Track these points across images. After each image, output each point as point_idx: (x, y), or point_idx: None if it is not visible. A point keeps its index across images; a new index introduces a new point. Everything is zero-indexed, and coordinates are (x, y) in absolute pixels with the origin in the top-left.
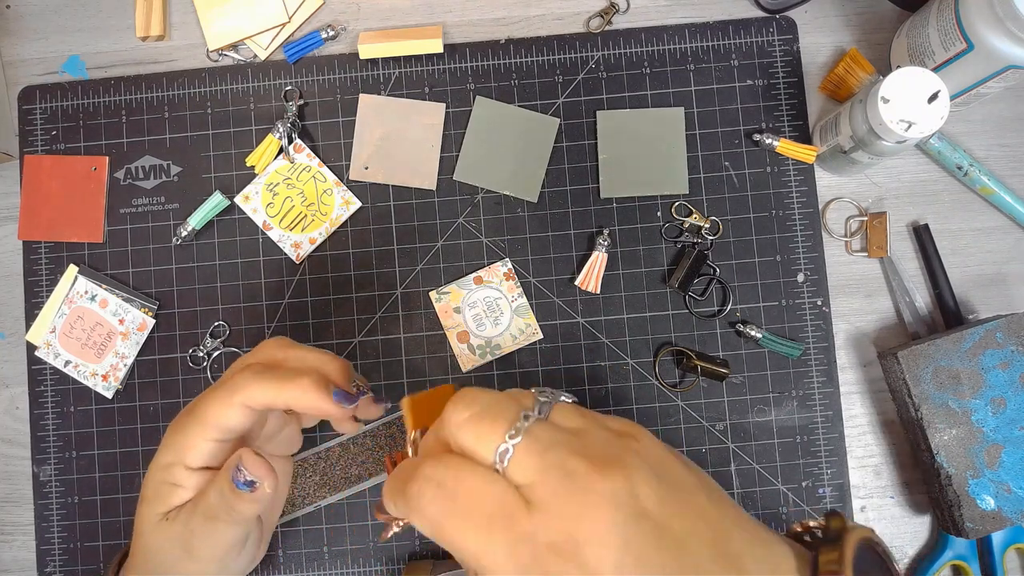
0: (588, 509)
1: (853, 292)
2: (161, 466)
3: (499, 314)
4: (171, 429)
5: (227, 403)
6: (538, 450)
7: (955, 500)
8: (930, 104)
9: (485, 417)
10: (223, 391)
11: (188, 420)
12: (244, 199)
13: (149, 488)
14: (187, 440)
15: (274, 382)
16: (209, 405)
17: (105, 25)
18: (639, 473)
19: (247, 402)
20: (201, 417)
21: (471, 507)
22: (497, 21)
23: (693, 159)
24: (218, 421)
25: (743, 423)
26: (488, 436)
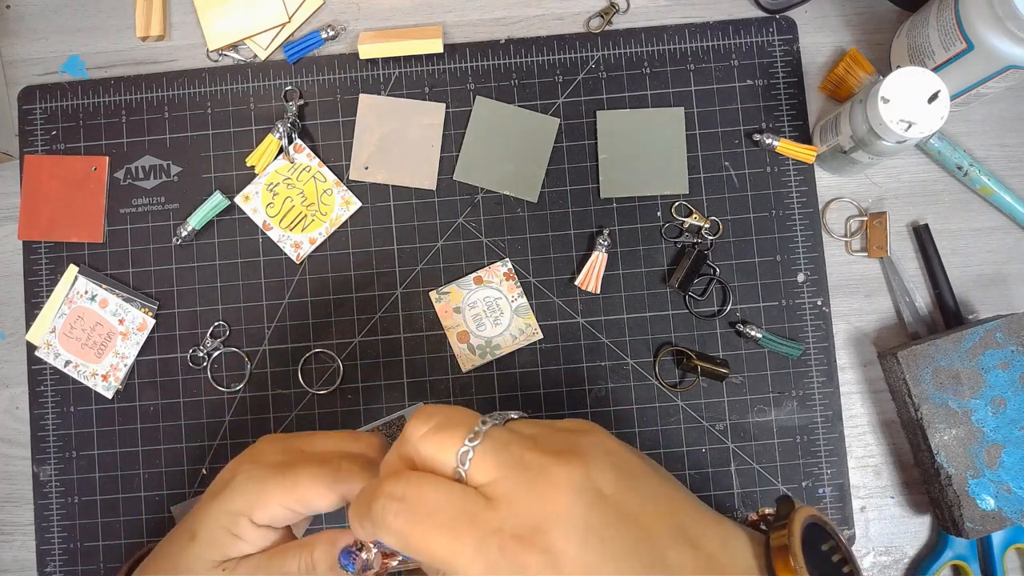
0: (549, 496)
1: (853, 292)
2: (226, 512)
3: (499, 314)
4: (248, 475)
5: (328, 487)
6: (496, 448)
7: (955, 500)
8: (930, 104)
9: (444, 427)
10: (327, 473)
11: (275, 479)
12: (244, 199)
13: (206, 529)
14: (265, 498)
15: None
16: (308, 480)
17: (105, 25)
18: (596, 460)
19: (347, 496)
20: (292, 485)
21: (434, 514)
22: (497, 21)
23: (693, 159)
24: (310, 499)
25: (743, 423)
26: (448, 443)
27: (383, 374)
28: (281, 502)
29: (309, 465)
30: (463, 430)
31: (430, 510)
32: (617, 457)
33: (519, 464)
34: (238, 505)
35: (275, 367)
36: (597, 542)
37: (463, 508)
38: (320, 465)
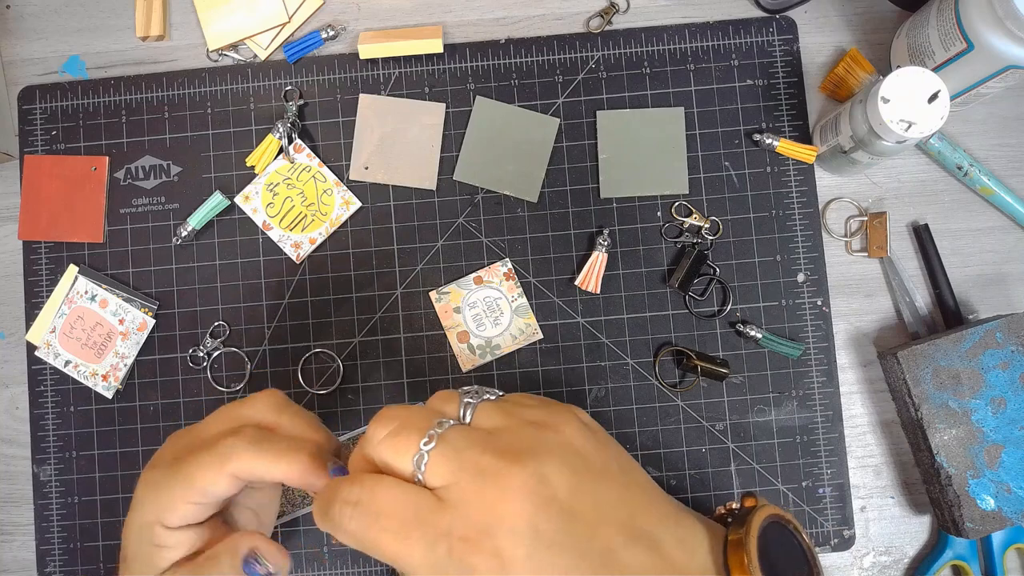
0: (500, 500)
1: (853, 292)
2: (139, 525)
3: (499, 314)
4: (148, 483)
5: (217, 471)
6: (451, 453)
7: (955, 500)
8: (930, 104)
9: (401, 431)
10: (213, 457)
11: (170, 479)
12: (244, 199)
13: (129, 548)
14: (167, 501)
15: (270, 455)
16: (197, 469)
17: (105, 25)
18: (550, 462)
19: (238, 473)
20: (187, 480)
21: (387, 517)
22: (497, 21)
23: (693, 159)
24: (204, 487)
25: (743, 423)
26: (404, 448)
27: (383, 374)
28: (183, 499)
29: (198, 454)
30: (418, 435)
31: (383, 512)
32: (579, 456)
33: (473, 468)
34: (147, 515)
35: (275, 367)
36: (545, 546)
37: (415, 511)
38: (207, 450)
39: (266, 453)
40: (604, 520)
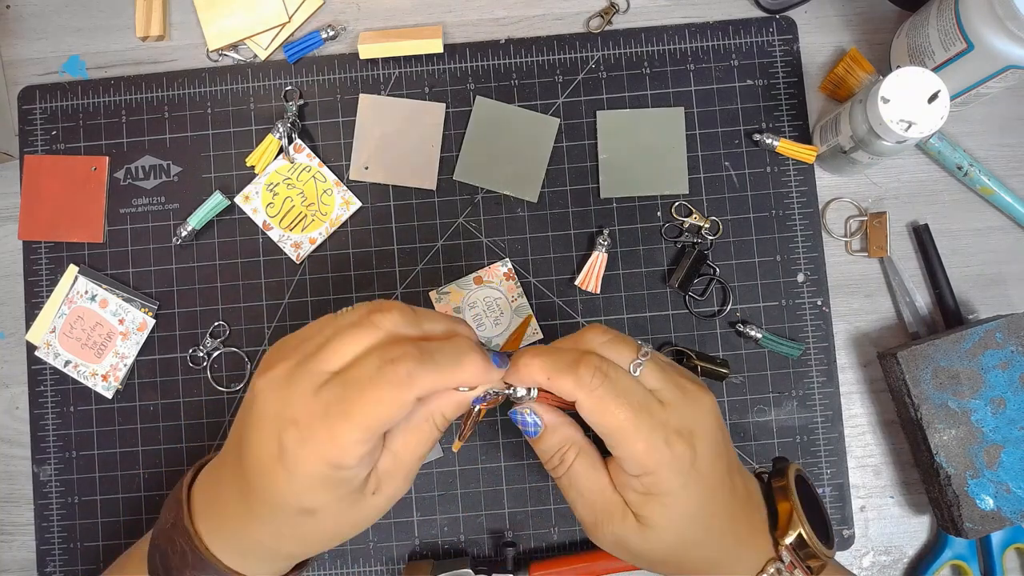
0: (698, 411)
1: (853, 292)
2: (318, 479)
3: (499, 314)
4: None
5: (400, 402)
6: (660, 367)
7: (954, 500)
8: (930, 104)
9: (620, 341)
10: (391, 388)
11: (339, 425)
12: (244, 199)
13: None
14: (341, 447)
15: (447, 367)
16: (374, 405)
17: (105, 25)
18: (715, 402)
19: (423, 395)
20: (364, 419)
21: (626, 396)
22: (497, 21)
23: (693, 159)
24: (389, 421)
25: (743, 423)
26: (625, 353)
27: None
28: (358, 440)
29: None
30: (635, 348)
31: (624, 390)
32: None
33: (675, 383)
34: (319, 468)
35: None
36: (716, 453)
37: (645, 399)
38: (376, 385)
39: (442, 366)
40: (735, 462)
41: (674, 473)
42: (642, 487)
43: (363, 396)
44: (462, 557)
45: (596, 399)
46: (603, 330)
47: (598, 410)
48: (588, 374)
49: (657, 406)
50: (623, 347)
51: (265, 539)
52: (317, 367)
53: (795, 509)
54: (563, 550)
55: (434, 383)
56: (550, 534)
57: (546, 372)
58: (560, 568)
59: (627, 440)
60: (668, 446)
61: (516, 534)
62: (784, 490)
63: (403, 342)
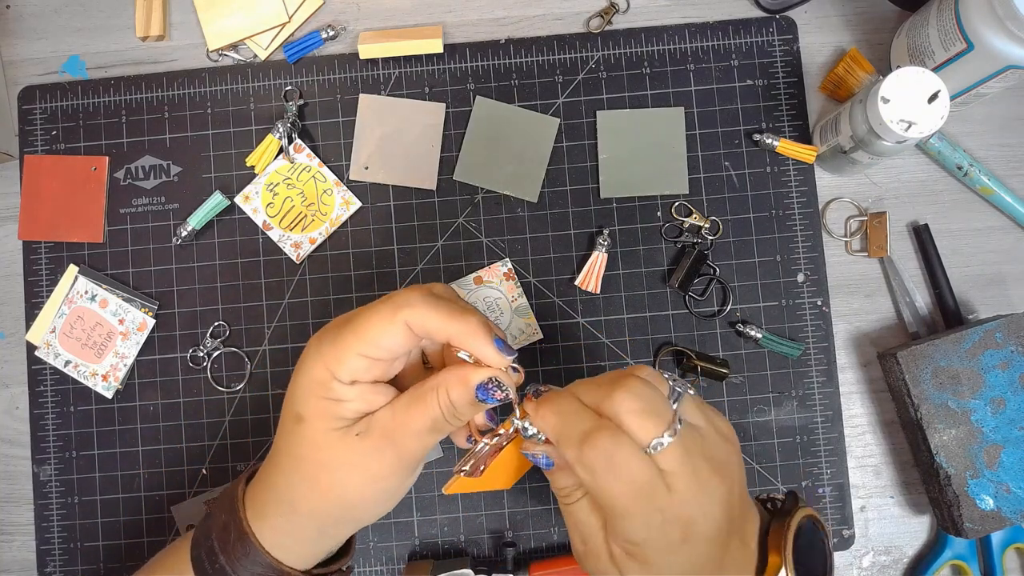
0: (706, 504)
1: (853, 292)
2: (313, 380)
3: (499, 314)
4: (318, 339)
5: (390, 318)
6: (682, 449)
7: (954, 500)
8: (930, 104)
9: (651, 415)
10: (387, 306)
11: (342, 331)
12: (244, 199)
13: (305, 405)
14: (338, 352)
15: (444, 311)
16: (369, 318)
17: (105, 25)
18: (736, 481)
19: (411, 321)
20: (359, 329)
21: (628, 476)
22: (497, 21)
23: (693, 159)
24: (377, 336)
25: (743, 423)
26: (650, 429)
27: None
28: (354, 349)
29: (368, 306)
30: (663, 425)
31: (627, 476)
32: (742, 472)
33: (693, 469)
34: (316, 371)
35: (275, 367)
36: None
37: (651, 485)
38: (379, 302)
39: (440, 308)
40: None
41: (660, 553)
42: (626, 549)
43: (367, 311)
44: (462, 557)
45: (596, 479)
46: (639, 393)
47: (595, 487)
48: (592, 457)
49: (662, 492)
50: (650, 421)
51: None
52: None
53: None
54: (563, 550)
55: (425, 314)
56: (550, 534)
57: (554, 435)
58: (560, 568)
59: (618, 516)
60: (661, 532)
61: (516, 534)
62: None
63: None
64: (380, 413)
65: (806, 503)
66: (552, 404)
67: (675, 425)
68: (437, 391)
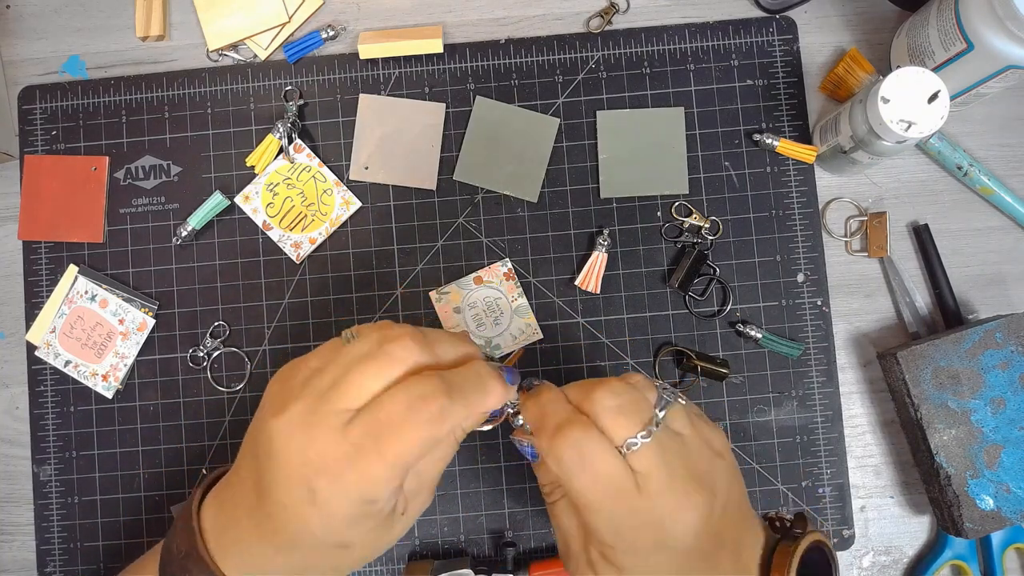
0: (679, 508)
1: (853, 292)
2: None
3: (499, 314)
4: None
5: (435, 436)
6: (658, 451)
7: (954, 500)
8: (930, 104)
9: (626, 413)
10: (428, 427)
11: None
12: (244, 199)
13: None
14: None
15: (477, 395)
16: (410, 443)
17: (105, 25)
18: (718, 492)
19: (456, 431)
20: (399, 457)
21: (600, 474)
22: (497, 21)
23: (693, 159)
24: (423, 453)
25: (743, 423)
26: (624, 427)
27: None
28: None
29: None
30: (639, 424)
31: (599, 470)
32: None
33: (668, 472)
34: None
35: (275, 367)
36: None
37: (621, 482)
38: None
39: (469, 398)
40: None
41: (631, 556)
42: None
43: (398, 435)
44: (462, 557)
45: (564, 471)
46: (618, 392)
47: (562, 478)
48: (560, 448)
49: (632, 490)
50: (625, 419)
51: (295, 567)
52: (338, 405)
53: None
54: None
55: (465, 415)
56: (550, 534)
57: (532, 424)
58: (560, 568)
59: (587, 512)
60: (632, 533)
61: (516, 534)
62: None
63: (427, 376)
64: (408, 483)
65: (815, 527)
66: (537, 396)
67: (651, 427)
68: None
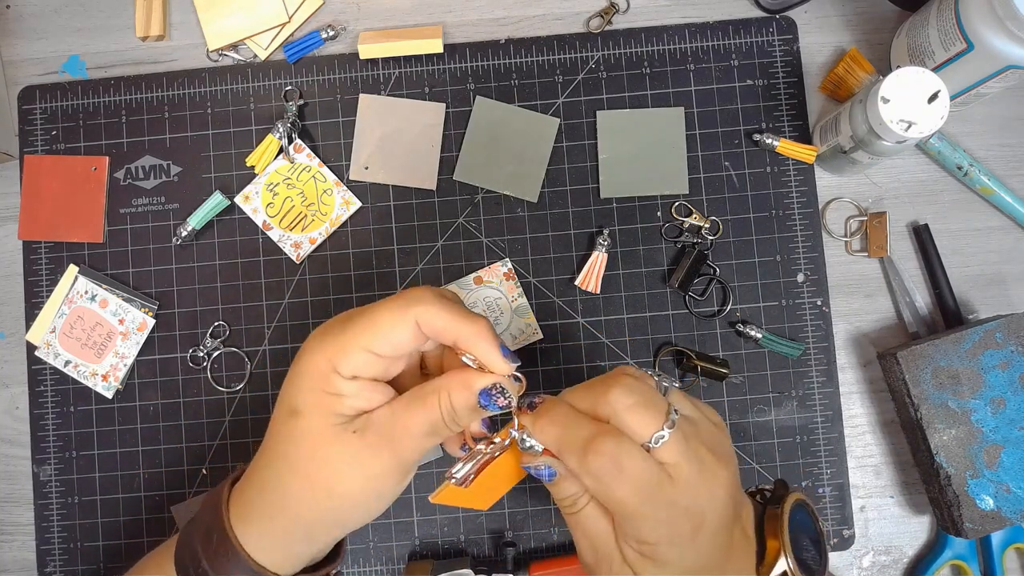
0: (711, 489)
1: (853, 292)
2: (313, 372)
3: (499, 314)
4: (320, 332)
5: (401, 313)
6: (682, 440)
7: (954, 500)
8: (930, 104)
9: (647, 408)
10: (398, 301)
11: (349, 323)
12: (244, 199)
13: (302, 398)
14: (343, 344)
15: (455, 311)
16: (379, 311)
17: (105, 25)
18: (733, 465)
19: (421, 318)
20: (367, 322)
21: (635, 480)
22: (497, 21)
23: (693, 159)
24: (386, 331)
25: (743, 423)
26: (648, 423)
27: None
28: (359, 344)
29: (377, 304)
30: (661, 417)
31: (632, 477)
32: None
33: (694, 457)
34: (317, 362)
35: (275, 367)
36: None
37: (657, 480)
38: (389, 298)
39: (451, 308)
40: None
41: (673, 547)
42: (639, 550)
43: (374, 307)
44: (462, 557)
45: (602, 485)
46: (631, 388)
47: (602, 493)
48: (596, 464)
49: (668, 484)
50: (648, 415)
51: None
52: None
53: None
54: (563, 550)
55: (436, 313)
56: (550, 534)
57: (556, 446)
58: (560, 568)
59: (629, 518)
60: (673, 526)
61: (516, 534)
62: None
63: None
64: (379, 412)
65: (795, 488)
66: (549, 415)
67: (672, 416)
68: (439, 394)
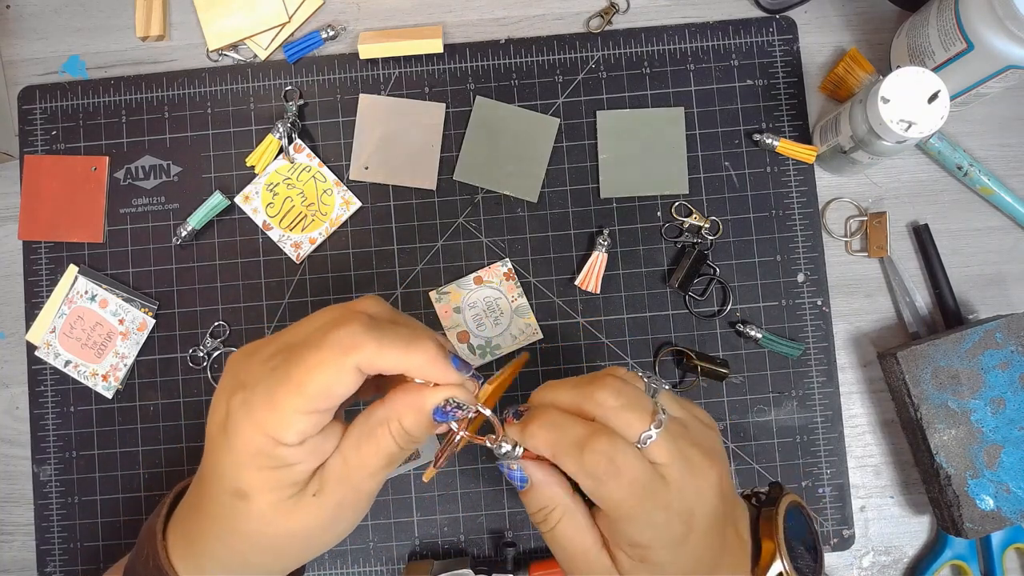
0: (701, 487)
1: (853, 292)
2: (251, 451)
3: (499, 314)
4: (244, 398)
5: (338, 366)
6: (671, 440)
7: (954, 500)
8: (930, 104)
9: (635, 408)
10: (331, 351)
11: (277, 387)
12: (244, 199)
13: (247, 479)
14: (279, 414)
15: (396, 344)
16: (312, 366)
17: (105, 25)
18: (723, 463)
19: (363, 364)
20: (302, 385)
21: (628, 478)
22: (497, 21)
23: (693, 159)
24: (326, 388)
25: (743, 423)
26: (636, 424)
27: None
28: (298, 408)
29: (305, 351)
30: (648, 417)
31: (628, 476)
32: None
33: (684, 457)
34: (255, 439)
35: None
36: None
37: (651, 481)
38: (317, 346)
39: (392, 340)
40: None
41: (667, 549)
42: (633, 555)
43: (303, 358)
44: (462, 557)
45: (598, 485)
46: (619, 389)
47: (597, 493)
48: (593, 462)
49: (661, 486)
50: (635, 415)
51: (210, 540)
52: (278, 339)
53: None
54: None
55: (378, 353)
56: None
57: (551, 449)
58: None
59: (624, 521)
60: (666, 528)
61: (516, 534)
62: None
63: (361, 314)
64: (330, 463)
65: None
66: (539, 420)
67: (659, 416)
68: (388, 424)
